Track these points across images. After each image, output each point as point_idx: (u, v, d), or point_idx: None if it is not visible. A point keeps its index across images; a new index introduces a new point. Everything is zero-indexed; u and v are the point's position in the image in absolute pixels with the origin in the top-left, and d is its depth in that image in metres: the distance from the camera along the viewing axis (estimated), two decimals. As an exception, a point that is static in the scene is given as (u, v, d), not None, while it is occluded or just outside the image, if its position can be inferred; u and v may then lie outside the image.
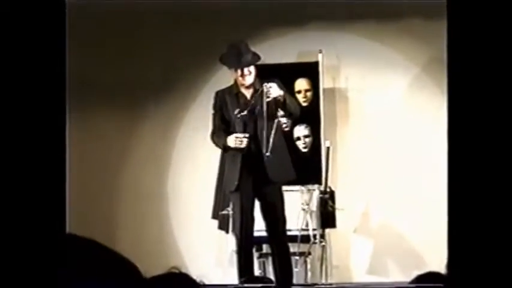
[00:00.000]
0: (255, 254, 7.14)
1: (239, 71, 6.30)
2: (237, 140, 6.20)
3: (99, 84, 8.08)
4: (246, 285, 5.89)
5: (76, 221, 2.55)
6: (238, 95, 6.39)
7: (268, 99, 6.15)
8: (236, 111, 6.29)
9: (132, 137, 8.24)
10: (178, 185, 8.14)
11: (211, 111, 6.49)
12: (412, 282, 2.32)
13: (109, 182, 8.19)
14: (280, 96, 6.18)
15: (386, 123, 7.88)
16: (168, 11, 8.05)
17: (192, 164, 8.06)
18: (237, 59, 6.31)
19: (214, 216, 7.47)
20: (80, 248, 1.83)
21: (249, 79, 6.34)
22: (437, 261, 2.57)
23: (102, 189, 8.13)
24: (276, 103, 6.17)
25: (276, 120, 6.19)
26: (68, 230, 2.13)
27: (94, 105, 8.00)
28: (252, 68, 6.34)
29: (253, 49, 6.54)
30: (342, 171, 7.84)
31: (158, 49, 8.13)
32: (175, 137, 8.21)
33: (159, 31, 8.10)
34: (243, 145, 6.19)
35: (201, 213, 7.66)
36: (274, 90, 6.16)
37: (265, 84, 6.18)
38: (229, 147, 6.28)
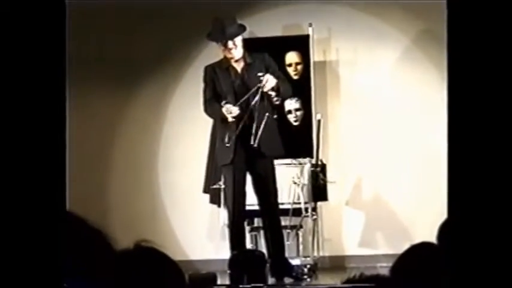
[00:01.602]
0: (247, 228, 7.16)
1: (224, 45, 6.27)
2: (227, 112, 6.18)
3: (90, 60, 8.03)
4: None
5: (68, 196, 2.54)
6: (229, 68, 6.37)
7: (264, 90, 6.14)
8: (228, 87, 6.27)
9: (123, 111, 8.21)
10: (170, 158, 8.13)
11: (202, 84, 6.46)
12: (405, 252, 2.33)
13: (100, 157, 8.18)
14: (275, 84, 6.18)
15: (378, 96, 7.87)
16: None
17: (183, 139, 8.04)
18: (221, 33, 6.28)
19: (206, 190, 7.47)
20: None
21: (236, 52, 6.31)
22: (428, 233, 2.57)
23: (93, 164, 8.11)
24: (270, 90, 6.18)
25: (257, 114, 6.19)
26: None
27: (85, 80, 7.95)
28: (238, 41, 6.30)
29: (243, 22, 6.51)
30: (333, 145, 7.85)
31: (149, 25, 8.08)
32: (166, 112, 8.18)
33: (150, 7, 8.05)
34: (234, 114, 6.16)
35: (193, 187, 7.66)
36: (270, 82, 6.15)
37: (261, 76, 6.15)
38: (225, 118, 6.24)
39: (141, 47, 8.09)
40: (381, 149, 7.80)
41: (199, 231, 7.97)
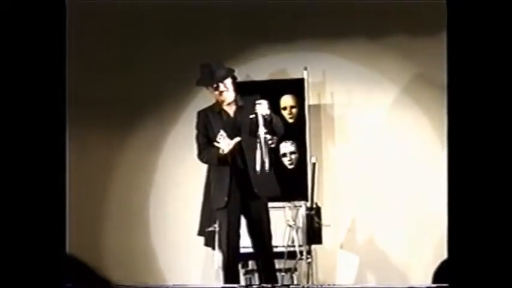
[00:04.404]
0: (241, 271, 7.14)
1: (216, 89, 6.32)
2: (224, 143, 6.18)
3: (86, 102, 8.05)
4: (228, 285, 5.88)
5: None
6: (221, 112, 6.40)
7: (256, 113, 6.14)
8: (220, 131, 6.27)
9: (116, 155, 8.23)
10: (164, 201, 8.13)
11: (195, 131, 6.48)
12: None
13: (94, 200, 8.17)
14: (267, 115, 6.19)
15: (372, 139, 7.90)
16: (154, 31, 8.07)
17: (177, 181, 8.05)
18: (210, 77, 6.32)
19: (201, 233, 7.47)
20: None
21: (228, 95, 6.35)
22: (423, 276, 2.58)
23: (87, 207, 8.09)
24: (262, 121, 6.17)
25: (262, 137, 6.18)
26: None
27: (80, 121, 7.97)
28: (228, 84, 6.34)
29: (239, 66, 6.55)
30: (328, 188, 7.86)
31: (145, 68, 8.13)
32: (161, 154, 8.20)
33: (144, 51, 8.11)
34: (231, 145, 6.17)
35: (187, 230, 7.64)
36: (263, 107, 6.16)
37: (258, 100, 6.18)
38: (223, 155, 6.22)
39: (137, 89, 8.12)
40: (376, 192, 7.80)
41: (193, 274, 7.95)
